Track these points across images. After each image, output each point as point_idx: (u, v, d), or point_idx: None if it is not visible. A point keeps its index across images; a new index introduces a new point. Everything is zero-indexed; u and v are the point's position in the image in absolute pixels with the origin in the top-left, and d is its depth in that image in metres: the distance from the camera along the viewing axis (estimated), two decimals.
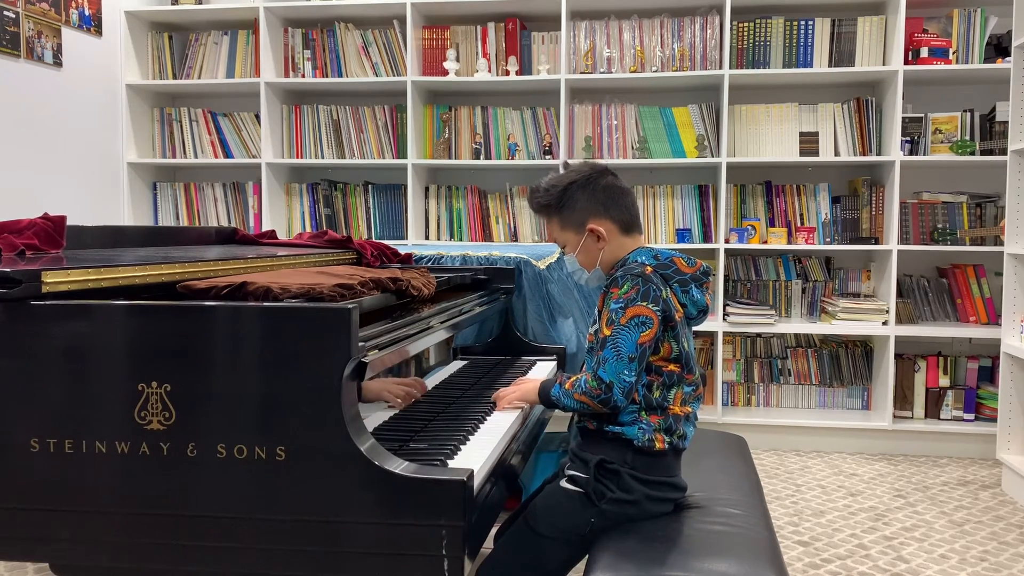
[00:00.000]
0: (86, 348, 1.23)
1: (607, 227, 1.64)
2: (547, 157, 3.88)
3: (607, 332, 1.52)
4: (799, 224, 3.83)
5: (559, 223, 1.68)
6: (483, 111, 3.97)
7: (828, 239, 3.81)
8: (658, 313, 1.52)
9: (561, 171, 1.72)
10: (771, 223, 3.86)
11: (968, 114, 3.69)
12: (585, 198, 1.64)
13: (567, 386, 1.56)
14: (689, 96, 3.91)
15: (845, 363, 3.88)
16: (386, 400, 1.66)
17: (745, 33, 3.75)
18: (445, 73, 3.89)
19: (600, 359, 1.51)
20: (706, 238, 3.84)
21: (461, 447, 1.45)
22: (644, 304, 1.51)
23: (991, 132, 3.67)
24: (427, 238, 4.06)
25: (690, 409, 1.60)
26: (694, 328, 1.67)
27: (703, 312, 1.62)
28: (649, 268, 1.56)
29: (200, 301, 1.28)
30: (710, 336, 3.88)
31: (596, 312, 1.62)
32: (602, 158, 3.86)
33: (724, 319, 3.77)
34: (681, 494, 1.61)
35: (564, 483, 1.59)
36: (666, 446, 1.55)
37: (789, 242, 3.79)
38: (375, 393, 1.61)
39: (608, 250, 1.64)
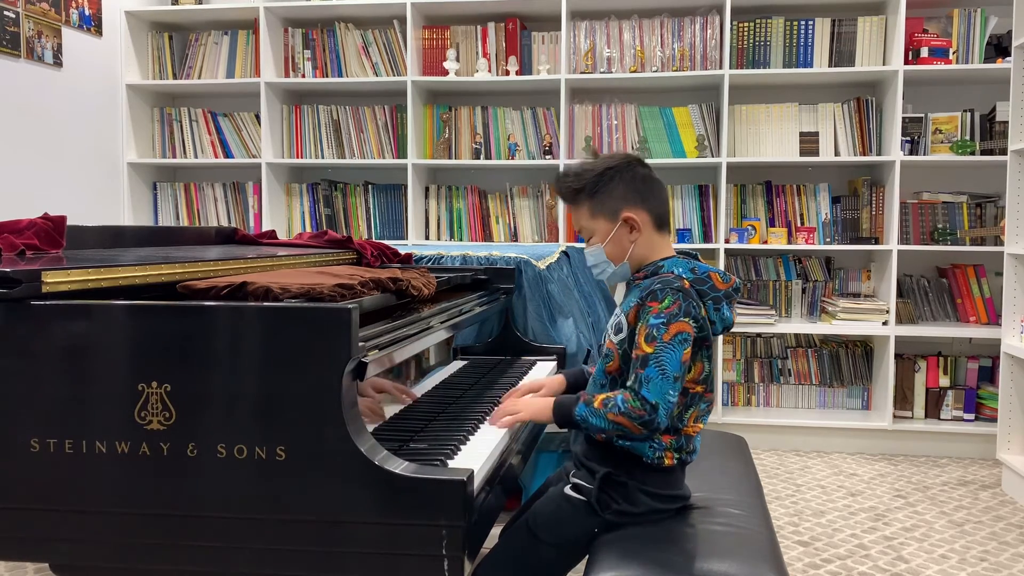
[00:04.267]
0: (86, 348, 1.22)
1: (643, 218, 1.55)
2: (547, 157, 3.88)
3: (648, 349, 1.43)
4: (799, 224, 3.83)
5: (590, 210, 1.57)
6: (483, 111, 3.97)
7: (828, 239, 3.80)
8: (695, 330, 1.47)
9: (591, 158, 1.62)
10: (771, 223, 3.86)
11: (968, 114, 3.69)
12: (623, 185, 1.55)
13: (596, 405, 1.45)
14: (689, 96, 3.91)
15: (845, 363, 3.88)
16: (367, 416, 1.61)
17: (745, 33, 3.75)
18: (445, 73, 3.89)
19: (642, 378, 1.41)
20: (706, 238, 3.84)
21: (461, 447, 1.45)
22: (686, 320, 1.45)
23: (991, 132, 3.67)
24: (427, 238, 4.06)
25: (701, 426, 1.56)
26: None
27: (727, 329, 1.55)
28: (687, 283, 1.48)
29: (200, 301, 1.28)
30: None
31: (617, 322, 1.54)
32: None
33: None
34: (685, 501, 1.59)
35: (568, 490, 1.55)
36: (675, 462, 1.52)
37: (789, 242, 3.79)
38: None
39: (640, 244, 1.55)
